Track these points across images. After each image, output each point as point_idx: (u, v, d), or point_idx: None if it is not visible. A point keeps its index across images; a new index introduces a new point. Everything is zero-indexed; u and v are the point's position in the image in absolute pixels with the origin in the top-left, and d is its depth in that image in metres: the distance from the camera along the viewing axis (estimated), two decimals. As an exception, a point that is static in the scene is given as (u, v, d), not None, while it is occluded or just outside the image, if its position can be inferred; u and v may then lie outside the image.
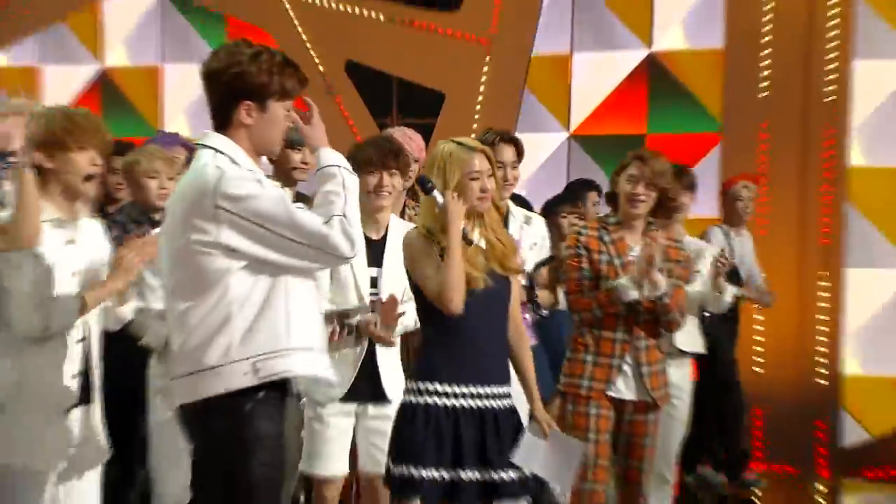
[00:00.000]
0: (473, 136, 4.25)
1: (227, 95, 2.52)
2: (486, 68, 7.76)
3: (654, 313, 3.89)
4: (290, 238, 2.41)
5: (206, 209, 2.38)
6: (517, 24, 7.87)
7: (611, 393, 3.93)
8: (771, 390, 7.05)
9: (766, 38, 7.24)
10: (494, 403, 3.16)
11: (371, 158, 3.80)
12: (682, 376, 5.01)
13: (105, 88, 8.72)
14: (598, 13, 7.90)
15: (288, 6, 8.21)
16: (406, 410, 3.14)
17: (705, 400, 5.92)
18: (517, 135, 4.88)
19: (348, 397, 3.81)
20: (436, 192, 3.07)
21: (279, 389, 2.48)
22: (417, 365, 3.48)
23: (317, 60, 8.13)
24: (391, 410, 3.56)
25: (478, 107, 7.72)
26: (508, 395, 3.22)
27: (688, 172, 5.32)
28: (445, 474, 3.04)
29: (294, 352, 2.47)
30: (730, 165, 7.09)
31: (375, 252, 3.87)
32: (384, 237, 3.93)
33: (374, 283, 3.82)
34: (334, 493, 3.96)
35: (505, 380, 3.25)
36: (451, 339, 3.20)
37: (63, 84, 8.56)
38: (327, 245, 2.43)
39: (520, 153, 4.55)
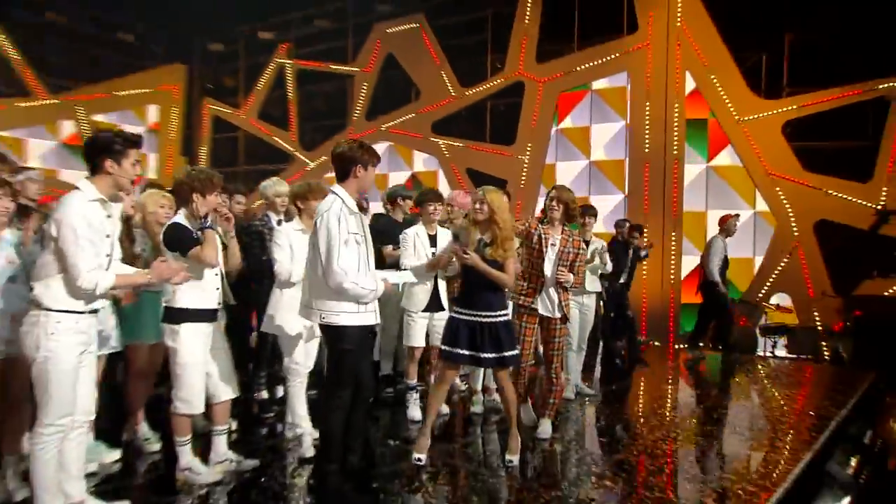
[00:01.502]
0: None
1: (348, 163, 3.26)
2: (524, 169, 10.30)
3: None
4: (328, 252, 3.11)
5: (316, 224, 3.23)
6: (538, 150, 10.27)
7: (540, 310, 4.39)
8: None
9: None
10: (482, 320, 3.73)
11: (430, 197, 4.79)
12: (591, 301, 5.82)
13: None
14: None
15: (444, 148, 11.05)
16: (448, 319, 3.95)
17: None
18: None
19: (425, 309, 4.77)
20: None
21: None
22: (453, 296, 4.34)
23: (455, 170, 10.90)
24: (445, 315, 4.44)
25: (521, 185, 10.17)
26: (492, 316, 3.73)
27: (592, 207, 6.22)
28: (450, 349, 3.77)
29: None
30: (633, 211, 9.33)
31: (433, 241, 4.74)
32: (436, 234, 4.78)
33: (433, 255, 4.52)
34: (418, 355, 4.88)
35: (491, 309, 3.73)
36: (462, 287, 3.90)
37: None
38: (329, 270, 3.12)
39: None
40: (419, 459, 3.82)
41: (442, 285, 4.75)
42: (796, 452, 4.44)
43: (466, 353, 3.71)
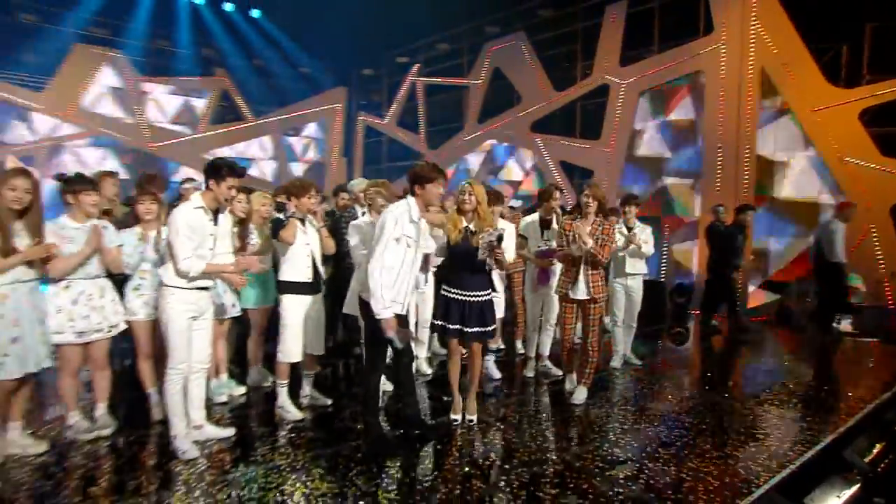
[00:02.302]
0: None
1: (414, 180, 3.17)
2: (608, 160, 9.58)
3: (592, 258, 3.96)
4: (375, 244, 3.04)
5: (379, 220, 3.13)
6: (619, 142, 9.45)
7: (571, 294, 4.09)
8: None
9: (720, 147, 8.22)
10: (469, 298, 3.49)
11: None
12: (635, 283, 5.08)
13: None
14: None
15: (540, 144, 10.55)
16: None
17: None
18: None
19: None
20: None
21: None
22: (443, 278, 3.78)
23: (554, 171, 10.38)
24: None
25: (606, 174, 9.53)
26: (478, 296, 3.47)
27: (634, 196, 5.25)
28: (443, 323, 3.55)
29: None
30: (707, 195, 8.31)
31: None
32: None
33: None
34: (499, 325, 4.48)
35: (478, 289, 3.47)
36: (449, 269, 3.62)
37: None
38: (369, 260, 3.02)
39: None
40: (455, 420, 3.75)
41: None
42: (817, 434, 3.76)
43: (456, 327, 3.51)
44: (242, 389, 4.20)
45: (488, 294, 3.56)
